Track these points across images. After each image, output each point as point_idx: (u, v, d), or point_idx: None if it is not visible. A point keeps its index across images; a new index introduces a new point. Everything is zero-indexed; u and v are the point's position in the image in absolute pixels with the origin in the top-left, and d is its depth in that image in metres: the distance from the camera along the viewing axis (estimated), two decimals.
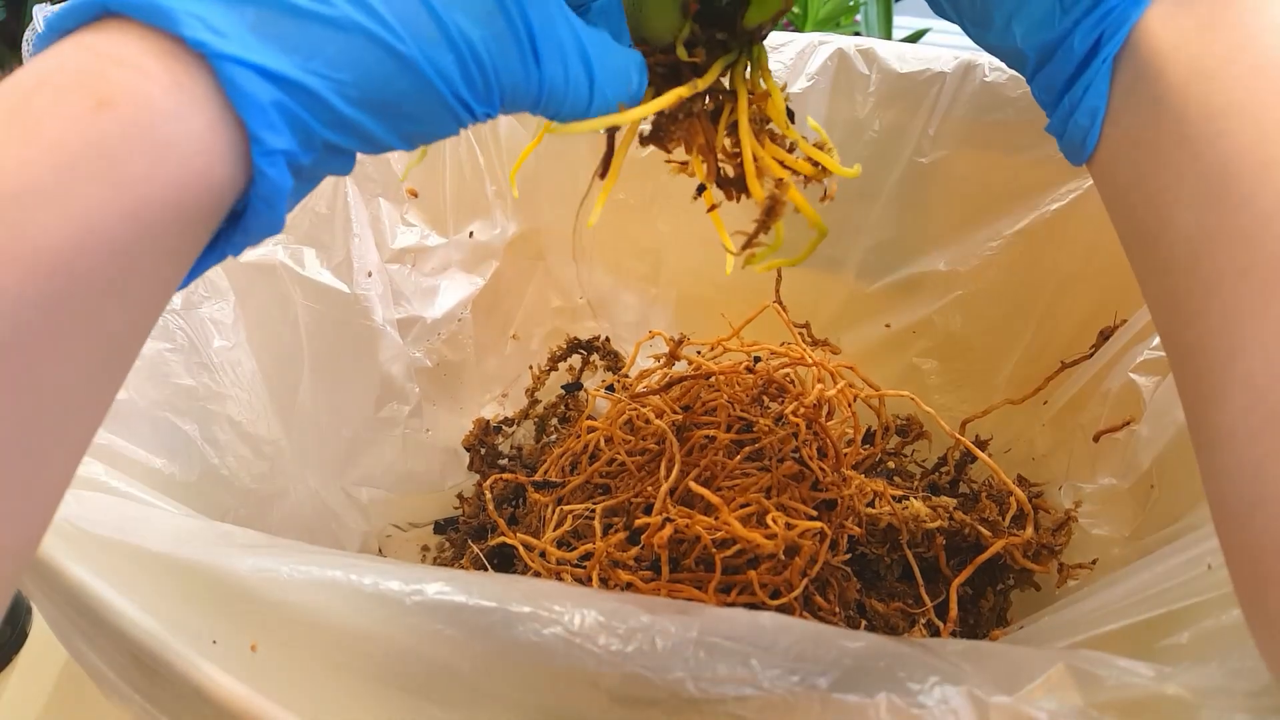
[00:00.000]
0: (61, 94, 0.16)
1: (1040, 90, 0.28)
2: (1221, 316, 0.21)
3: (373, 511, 0.48)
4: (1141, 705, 0.21)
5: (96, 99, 0.16)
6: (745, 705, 0.22)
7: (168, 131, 0.17)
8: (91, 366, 0.17)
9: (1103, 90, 0.25)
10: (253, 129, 0.18)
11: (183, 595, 0.24)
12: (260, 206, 0.19)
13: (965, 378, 0.49)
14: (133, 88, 0.16)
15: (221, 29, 0.17)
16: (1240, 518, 0.20)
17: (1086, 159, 0.27)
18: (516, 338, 0.57)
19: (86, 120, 0.16)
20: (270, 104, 0.18)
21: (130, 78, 0.16)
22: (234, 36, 0.17)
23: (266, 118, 0.18)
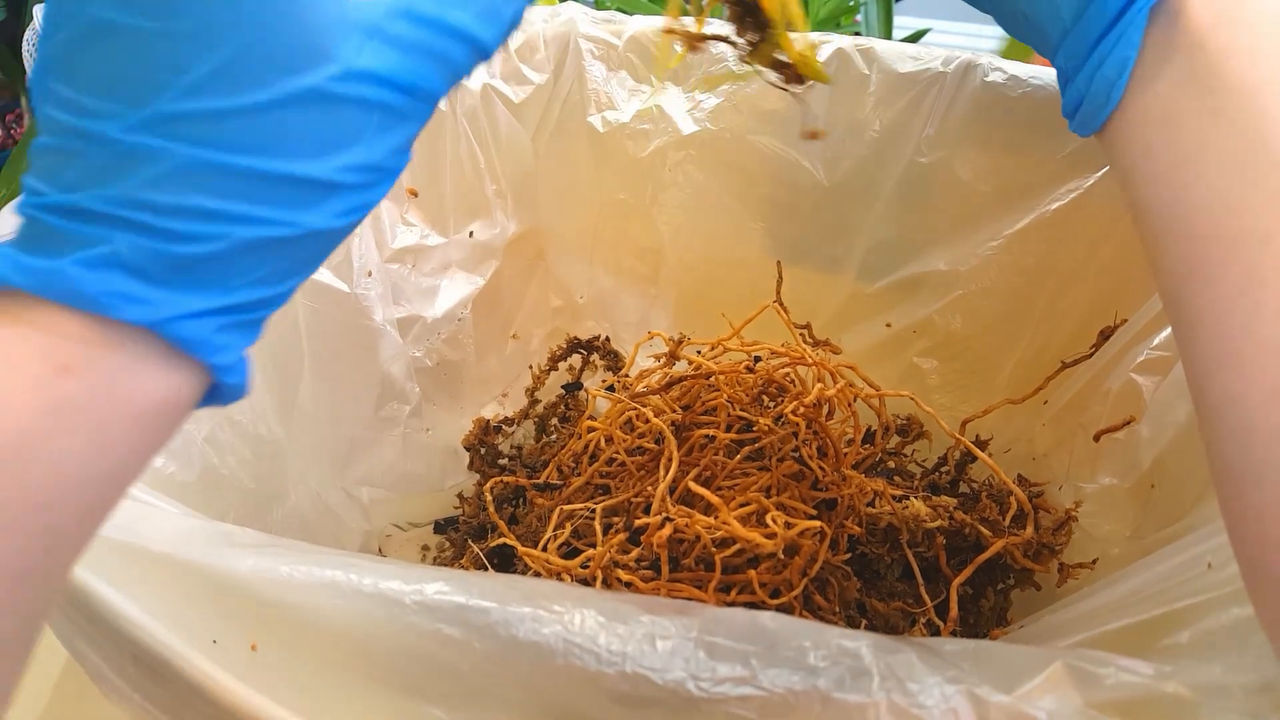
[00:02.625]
0: (19, 362, 0.17)
1: (1067, 56, 0.28)
2: (1239, 280, 0.22)
3: (373, 511, 0.48)
4: (1141, 704, 0.21)
5: (55, 366, 0.17)
6: (745, 705, 0.22)
7: (129, 383, 0.18)
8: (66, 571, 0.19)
9: (1135, 40, 0.26)
10: (207, 360, 0.19)
11: (183, 595, 0.24)
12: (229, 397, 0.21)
13: (965, 378, 0.49)
14: (83, 356, 0.18)
15: (141, 296, 0.18)
16: (1251, 480, 0.21)
17: (1104, 121, 0.27)
18: (516, 338, 0.57)
19: (51, 385, 0.17)
20: (214, 333, 0.19)
21: (79, 349, 0.18)
22: (156, 299, 0.18)
23: (214, 345, 0.19)
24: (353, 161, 0.19)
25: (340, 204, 0.19)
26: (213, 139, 0.18)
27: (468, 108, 0.48)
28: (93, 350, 0.18)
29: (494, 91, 0.49)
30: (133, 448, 0.19)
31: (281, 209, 0.19)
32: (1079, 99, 0.28)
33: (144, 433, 0.19)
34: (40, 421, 0.17)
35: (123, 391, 0.18)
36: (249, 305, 0.19)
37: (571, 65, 0.49)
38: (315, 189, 0.19)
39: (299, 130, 0.18)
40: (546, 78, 0.50)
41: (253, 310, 0.20)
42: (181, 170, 0.18)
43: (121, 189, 0.18)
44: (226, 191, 0.18)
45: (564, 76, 0.50)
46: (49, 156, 0.18)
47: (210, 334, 0.19)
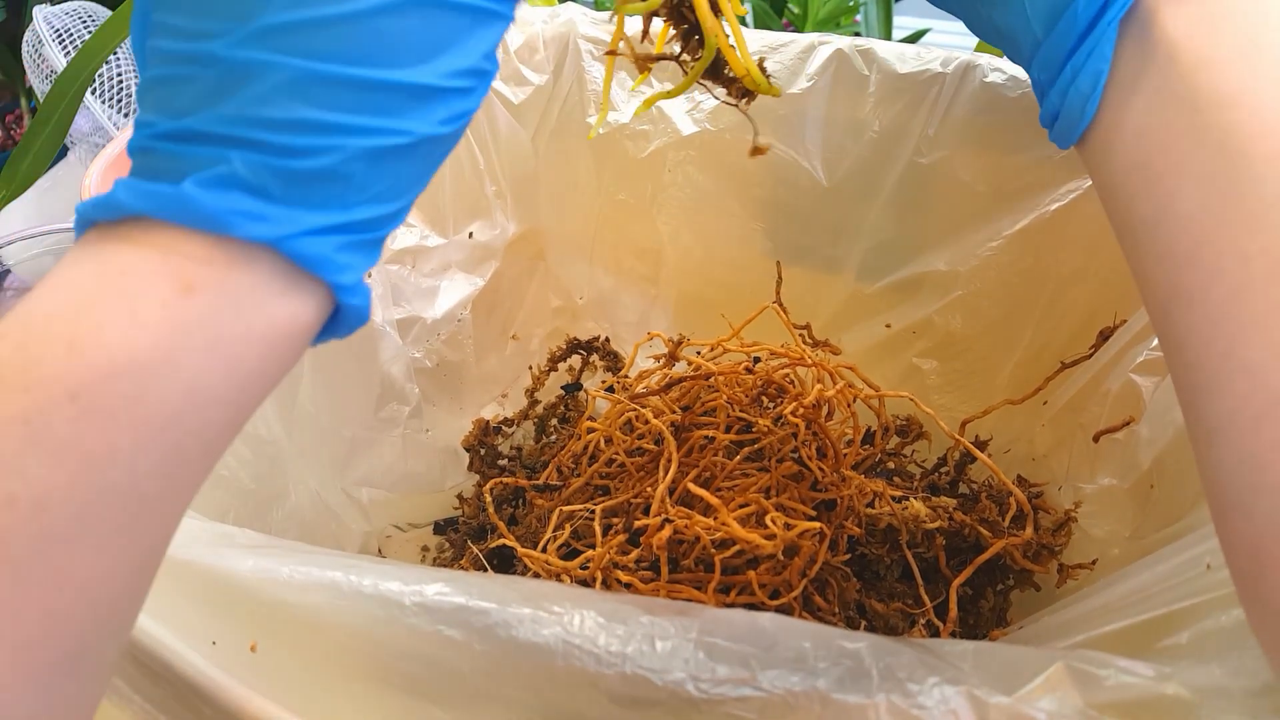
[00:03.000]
0: (149, 282, 0.18)
1: (1041, 68, 0.28)
2: (1222, 303, 0.21)
3: (373, 512, 0.48)
4: (1141, 705, 0.21)
5: (181, 286, 0.18)
6: (745, 706, 0.22)
7: (253, 303, 0.19)
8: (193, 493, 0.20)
9: (1106, 54, 0.25)
10: (329, 279, 0.19)
11: (183, 596, 0.24)
12: (351, 322, 0.21)
13: (965, 378, 0.49)
14: (208, 276, 0.18)
15: (262, 214, 0.18)
16: (1240, 507, 0.20)
17: (1081, 135, 0.27)
18: (516, 338, 0.57)
19: (177, 304, 0.18)
20: (335, 251, 0.19)
21: (203, 269, 0.18)
22: (276, 216, 0.18)
23: (336, 263, 0.19)
24: (452, 66, 0.19)
25: (444, 109, 0.20)
26: (319, 50, 0.18)
27: None
28: (216, 270, 0.18)
29: (494, 92, 0.49)
30: (257, 370, 0.19)
31: (390, 117, 0.19)
32: (1055, 112, 0.27)
33: (268, 355, 0.19)
34: (168, 340, 0.17)
35: (247, 312, 0.18)
36: (368, 223, 0.20)
37: (571, 66, 0.49)
38: (420, 95, 0.19)
39: (400, 37, 0.19)
40: (546, 78, 0.50)
41: (372, 229, 0.20)
42: (291, 83, 0.18)
43: (234, 107, 0.18)
44: (335, 103, 0.18)
45: (564, 77, 0.50)
46: (159, 89, 0.19)
47: (331, 252, 0.19)
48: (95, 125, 0.66)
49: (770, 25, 0.86)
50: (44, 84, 0.65)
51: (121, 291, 0.17)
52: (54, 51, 0.64)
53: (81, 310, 0.17)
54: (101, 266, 0.18)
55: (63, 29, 0.65)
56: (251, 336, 0.19)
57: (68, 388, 0.16)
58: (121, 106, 0.67)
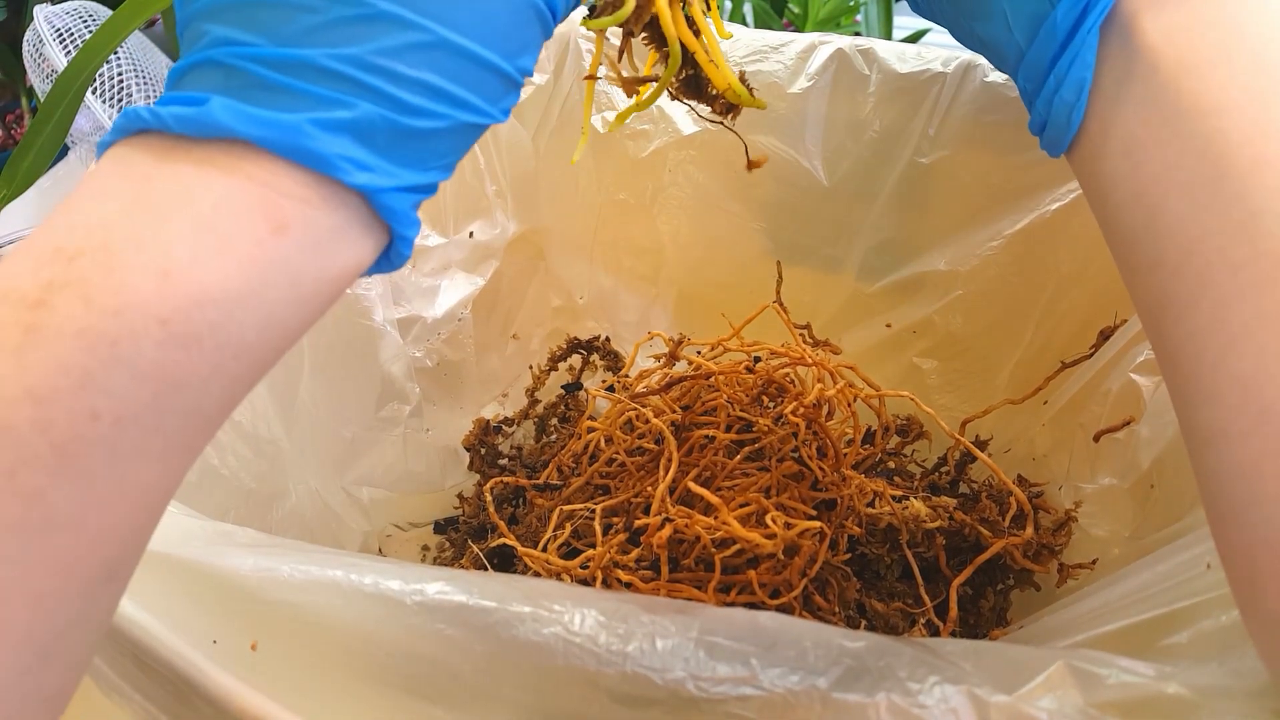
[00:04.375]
0: (243, 217, 0.18)
1: (1026, 78, 0.28)
2: (1212, 313, 0.21)
3: (373, 511, 0.48)
4: (1142, 704, 0.21)
5: (274, 224, 0.18)
6: (745, 705, 0.22)
7: (333, 245, 0.20)
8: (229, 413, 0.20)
9: (1089, 61, 0.25)
10: (398, 230, 0.21)
11: (183, 595, 0.24)
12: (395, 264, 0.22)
13: (965, 378, 0.49)
14: (301, 215, 0.19)
15: (366, 163, 0.19)
16: (1235, 517, 0.20)
17: (1069, 144, 0.27)
18: (516, 338, 0.57)
19: (269, 242, 0.18)
20: (409, 207, 0.21)
21: (298, 208, 0.19)
22: (378, 168, 0.19)
23: (408, 218, 0.21)
24: (526, 65, 0.22)
25: (511, 101, 0.22)
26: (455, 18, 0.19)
27: None
28: (309, 211, 0.19)
29: None
30: (321, 303, 0.20)
31: (487, 98, 0.21)
32: (1042, 121, 0.27)
33: (332, 292, 0.20)
34: (257, 277, 0.18)
35: (326, 253, 0.19)
36: (431, 185, 0.21)
37: (571, 65, 0.49)
38: (508, 84, 0.21)
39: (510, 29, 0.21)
40: (546, 78, 0.50)
41: (430, 190, 0.21)
42: (426, 45, 0.19)
43: (365, 52, 0.19)
44: (458, 74, 0.20)
45: (564, 76, 0.50)
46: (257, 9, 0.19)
47: (408, 207, 0.21)
48: (96, 125, 0.66)
49: (770, 25, 0.86)
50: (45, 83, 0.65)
51: (216, 223, 0.18)
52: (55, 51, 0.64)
53: (175, 238, 0.17)
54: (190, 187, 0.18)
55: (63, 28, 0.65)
56: (325, 276, 0.20)
57: (159, 314, 0.17)
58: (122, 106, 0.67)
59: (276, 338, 0.19)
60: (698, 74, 0.28)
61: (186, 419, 0.18)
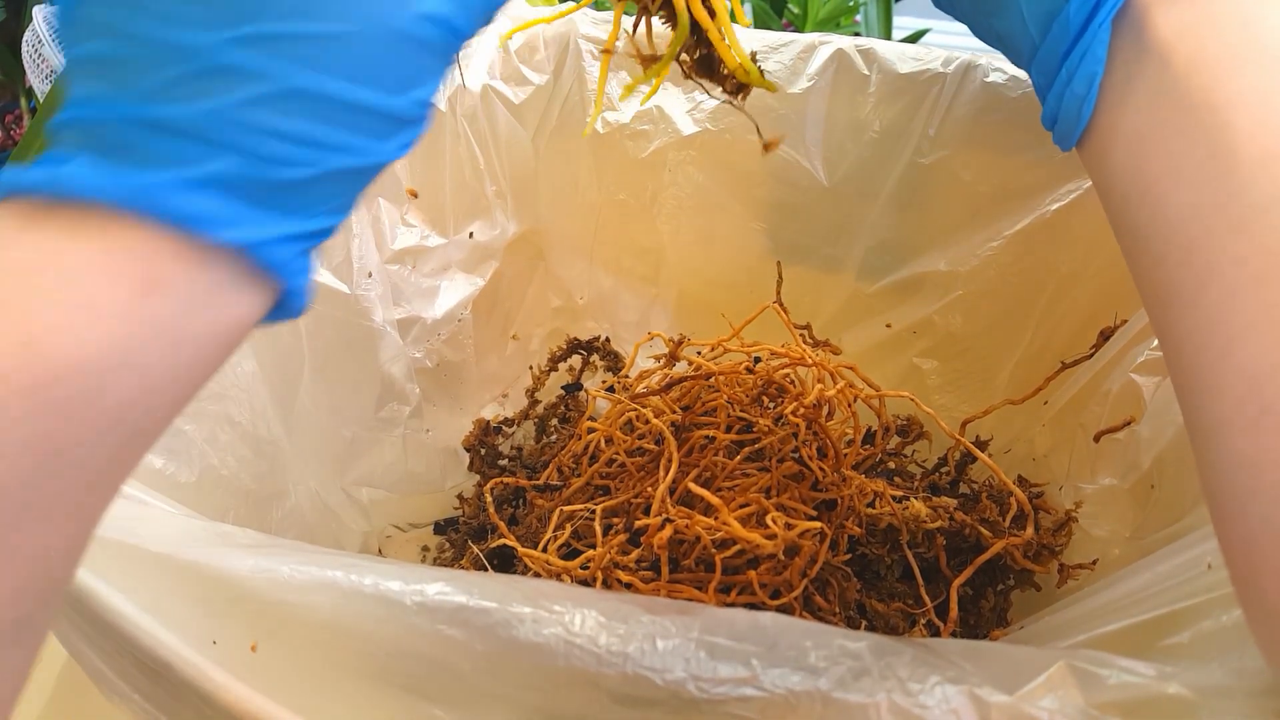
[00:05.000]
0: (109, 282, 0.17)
1: (1039, 71, 0.28)
2: (1217, 306, 0.21)
3: (373, 511, 0.48)
4: (1143, 704, 0.21)
5: (143, 285, 0.18)
6: (746, 705, 0.22)
7: (211, 303, 0.19)
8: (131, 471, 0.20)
9: (1100, 55, 0.25)
10: (288, 282, 0.20)
11: (183, 595, 0.24)
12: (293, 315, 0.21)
13: (965, 378, 0.49)
14: (171, 275, 0.18)
15: (237, 218, 0.18)
16: (1237, 509, 0.20)
17: (1079, 137, 0.27)
18: (516, 338, 0.57)
19: (139, 304, 0.17)
20: (294, 257, 0.20)
21: (167, 268, 0.18)
22: (250, 221, 0.19)
23: (294, 267, 0.20)
24: (419, 97, 0.20)
25: (405, 137, 0.21)
26: (316, 63, 0.18)
27: (468, 108, 0.48)
28: (181, 269, 0.18)
29: (494, 92, 0.49)
30: (208, 362, 0.19)
31: (368, 138, 0.20)
32: (1054, 114, 0.28)
33: (219, 348, 0.19)
34: (128, 341, 0.17)
35: (206, 310, 0.19)
36: (319, 232, 0.20)
37: (571, 66, 0.49)
38: (394, 122, 0.20)
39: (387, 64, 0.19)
40: (546, 78, 0.50)
41: (319, 237, 0.21)
42: (285, 92, 0.18)
43: (222, 106, 0.18)
44: (325, 117, 0.19)
45: (564, 77, 0.50)
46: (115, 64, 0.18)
47: (293, 257, 0.20)
48: None
49: (770, 25, 0.86)
50: (44, 84, 0.65)
51: (82, 288, 0.17)
52: (54, 51, 0.64)
53: (40, 306, 0.17)
54: (55, 251, 0.17)
55: None
56: (208, 333, 0.19)
57: (22, 384, 0.16)
58: None
59: (166, 398, 0.19)
60: (710, 53, 0.28)
61: (70, 486, 0.17)
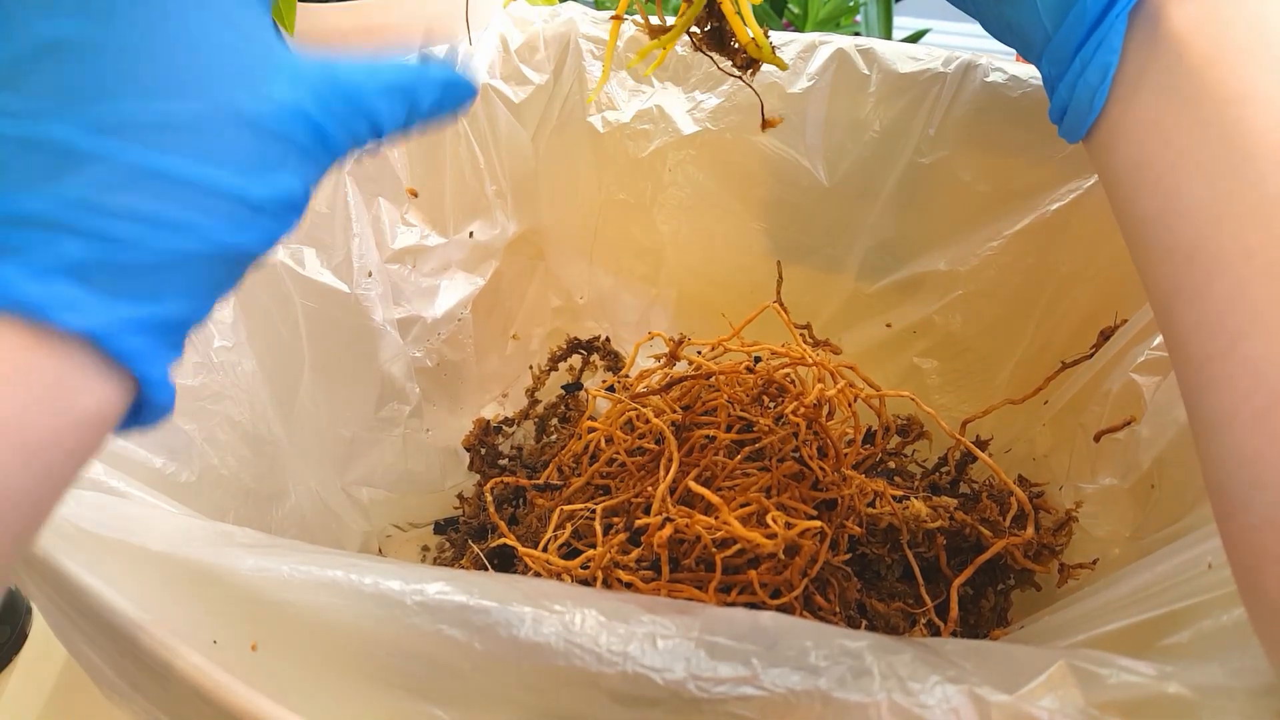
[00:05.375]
0: None
1: (1051, 62, 0.28)
2: (1225, 298, 0.21)
3: (373, 511, 0.48)
4: (1143, 704, 0.21)
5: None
6: (746, 705, 0.22)
7: (61, 395, 0.18)
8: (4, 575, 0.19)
9: (1115, 45, 0.25)
10: (139, 371, 0.19)
11: (183, 595, 0.24)
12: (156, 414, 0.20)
13: (965, 378, 0.49)
14: (20, 366, 0.17)
15: (84, 304, 0.18)
16: (1240, 503, 0.20)
17: (1089, 128, 0.27)
18: (516, 338, 0.57)
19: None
20: (148, 343, 0.19)
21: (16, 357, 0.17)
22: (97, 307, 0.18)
23: (148, 356, 0.19)
24: (278, 187, 0.20)
25: (265, 227, 0.20)
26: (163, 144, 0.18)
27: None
28: (25, 359, 0.18)
29: (494, 91, 0.49)
30: (61, 460, 0.19)
31: (219, 221, 0.19)
32: (1064, 106, 0.28)
33: (73, 445, 0.19)
34: None
35: (55, 403, 0.18)
36: (177, 320, 0.20)
37: (571, 65, 0.49)
38: (247, 208, 0.20)
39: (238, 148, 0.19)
40: (546, 78, 0.50)
41: (178, 324, 0.20)
42: (132, 173, 0.18)
43: (67, 189, 0.18)
44: (172, 198, 0.18)
45: (564, 76, 0.50)
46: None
47: (144, 345, 0.19)
48: None
49: (770, 25, 0.86)
50: None
51: None
52: None
53: None
54: None
55: None
56: (57, 427, 0.18)
57: None
58: None
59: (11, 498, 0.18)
60: (722, 26, 0.29)
61: None
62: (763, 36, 0.29)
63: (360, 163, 0.44)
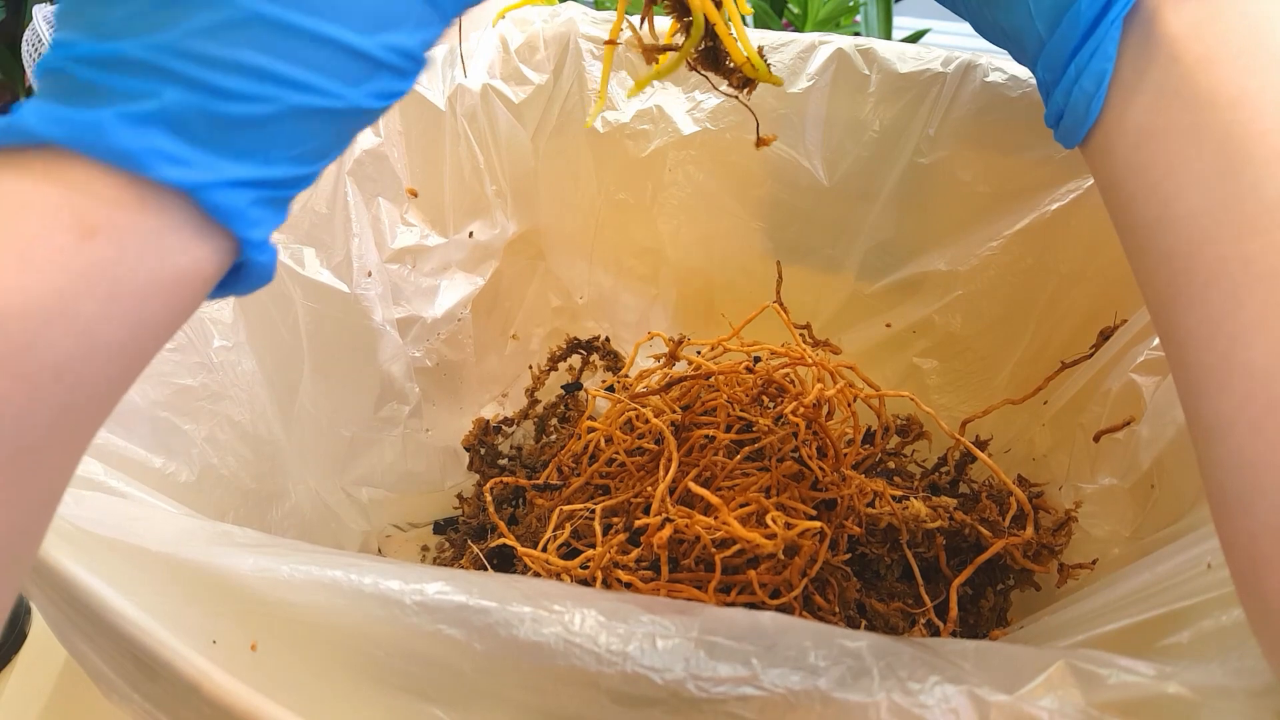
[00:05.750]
0: (47, 224, 0.17)
1: (1046, 68, 0.28)
2: (1223, 304, 0.21)
3: (373, 511, 0.48)
4: (1143, 704, 0.21)
5: (82, 228, 0.17)
6: (746, 705, 0.22)
7: (156, 251, 0.18)
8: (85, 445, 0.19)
9: (1110, 53, 0.25)
10: (240, 233, 0.19)
11: (183, 595, 0.24)
12: (253, 280, 0.20)
13: (965, 378, 0.49)
14: (112, 219, 0.17)
15: (183, 157, 0.17)
16: (1240, 508, 0.20)
17: (1085, 135, 0.27)
18: (516, 338, 0.57)
19: (76, 247, 0.17)
20: (249, 205, 0.19)
21: (109, 211, 0.17)
22: (198, 162, 0.18)
23: (249, 218, 0.19)
24: (396, 43, 0.19)
25: (379, 84, 0.20)
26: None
27: (468, 108, 0.48)
28: (124, 213, 0.17)
29: (494, 91, 0.49)
30: (155, 320, 0.18)
31: (331, 79, 0.19)
32: (1060, 112, 0.27)
33: (168, 305, 0.18)
34: (65, 287, 0.17)
35: (150, 260, 0.18)
36: (283, 181, 0.19)
37: (571, 65, 0.49)
38: (363, 63, 0.19)
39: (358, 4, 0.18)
40: (546, 78, 0.50)
41: (285, 188, 0.19)
42: (241, 21, 0.17)
43: (173, 36, 0.17)
44: (282, 52, 0.18)
45: (564, 77, 0.50)
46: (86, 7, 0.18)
47: (246, 205, 0.18)
48: None
49: (770, 25, 0.86)
50: None
51: (16, 232, 0.16)
52: None
53: None
54: None
55: None
56: (152, 286, 0.18)
57: None
58: None
59: (103, 358, 0.17)
60: (716, 46, 0.28)
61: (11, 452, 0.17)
62: (758, 56, 0.29)
63: (360, 162, 0.44)
